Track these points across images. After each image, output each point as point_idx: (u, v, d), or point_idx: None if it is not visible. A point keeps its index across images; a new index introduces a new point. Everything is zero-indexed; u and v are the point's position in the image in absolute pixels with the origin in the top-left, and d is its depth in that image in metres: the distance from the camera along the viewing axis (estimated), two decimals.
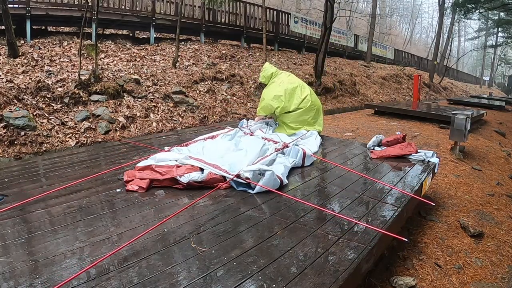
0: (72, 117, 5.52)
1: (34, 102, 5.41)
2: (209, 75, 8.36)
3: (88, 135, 5.35)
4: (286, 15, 13.80)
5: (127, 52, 8.50)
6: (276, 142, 3.44)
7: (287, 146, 3.26)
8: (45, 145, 4.93)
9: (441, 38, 22.07)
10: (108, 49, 8.42)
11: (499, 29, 24.98)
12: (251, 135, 3.75)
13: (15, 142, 4.74)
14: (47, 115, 5.34)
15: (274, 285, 1.40)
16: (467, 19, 21.62)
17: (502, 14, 21.81)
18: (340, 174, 2.93)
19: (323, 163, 3.28)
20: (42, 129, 5.09)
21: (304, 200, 2.31)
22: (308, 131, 4.14)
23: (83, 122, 5.52)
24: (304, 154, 3.14)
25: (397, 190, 2.59)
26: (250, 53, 11.35)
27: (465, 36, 48.75)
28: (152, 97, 6.76)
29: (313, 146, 3.74)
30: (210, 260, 1.57)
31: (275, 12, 13.20)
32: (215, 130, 4.02)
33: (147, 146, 3.60)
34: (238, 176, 2.46)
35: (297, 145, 3.44)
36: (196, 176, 2.44)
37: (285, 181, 2.61)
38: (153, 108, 6.52)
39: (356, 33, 20.76)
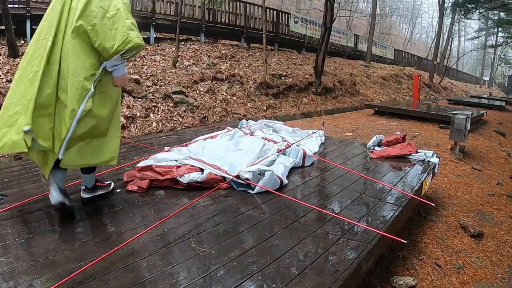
0: None
1: None
2: (209, 75, 8.35)
3: None
4: (286, 15, 13.79)
5: None
6: (276, 142, 3.44)
7: (289, 146, 3.26)
8: None
9: (441, 38, 22.06)
10: None
11: (499, 29, 24.99)
12: (251, 135, 3.75)
13: None
14: None
15: (274, 285, 1.40)
16: (467, 19, 21.65)
17: (502, 14, 21.81)
18: (340, 174, 2.93)
19: (323, 163, 3.28)
20: None
21: (304, 202, 2.31)
22: (313, 132, 4.15)
23: None
24: (304, 155, 3.14)
25: (397, 190, 2.59)
26: (250, 53, 11.35)
27: (465, 36, 48.76)
28: (152, 97, 6.76)
29: (314, 146, 3.74)
30: (210, 260, 1.57)
31: (275, 12, 13.20)
32: (215, 130, 4.02)
33: (147, 146, 3.60)
34: (237, 176, 2.46)
35: (298, 145, 3.45)
36: (196, 176, 2.44)
37: (285, 181, 2.61)
38: (153, 108, 6.52)
39: (356, 33, 20.76)
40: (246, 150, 2.99)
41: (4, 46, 6.85)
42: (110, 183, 2.32)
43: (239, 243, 1.74)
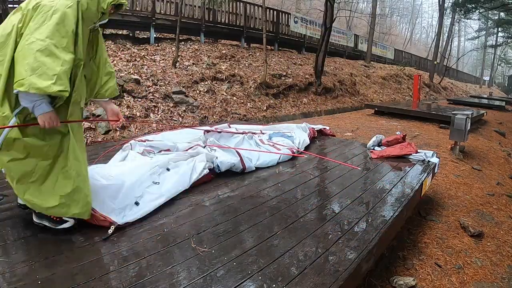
0: None
1: None
2: (209, 75, 8.35)
3: (88, 135, 5.35)
4: (286, 15, 13.79)
5: (127, 52, 8.50)
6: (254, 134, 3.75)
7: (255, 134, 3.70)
8: None
9: (441, 38, 22.07)
10: (108, 49, 8.41)
11: (499, 29, 25.00)
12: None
13: None
14: None
15: (274, 285, 1.40)
16: (467, 19, 21.66)
17: (502, 14, 21.82)
18: (340, 174, 2.94)
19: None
20: None
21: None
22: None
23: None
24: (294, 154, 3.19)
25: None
26: (250, 53, 11.35)
27: (465, 36, 48.80)
28: (152, 97, 6.76)
29: (304, 137, 3.92)
30: (210, 260, 1.57)
31: (275, 12, 13.20)
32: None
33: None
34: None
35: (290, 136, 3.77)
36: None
37: (249, 166, 2.87)
38: (153, 108, 6.52)
39: (356, 33, 20.76)
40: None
41: None
42: (67, 221, 1.76)
43: (239, 243, 1.74)
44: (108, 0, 1.73)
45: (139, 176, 2.20)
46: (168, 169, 2.45)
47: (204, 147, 2.96)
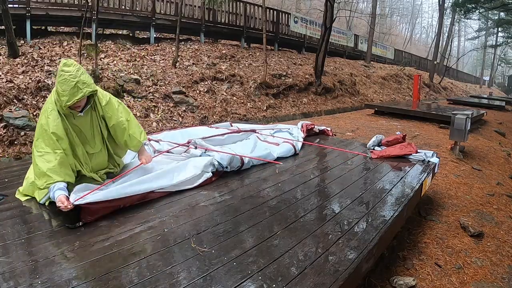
0: None
1: (34, 102, 5.41)
2: (209, 75, 8.36)
3: None
4: (286, 15, 13.79)
5: (127, 52, 8.50)
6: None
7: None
8: None
9: (441, 38, 22.08)
10: (108, 49, 8.41)
11: (499, 29, 25.00)
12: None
13: (15, 142, 4.74)
14: None
15: (274, 285, 1.40)
16: (467, 19, 21.68)
17: (502, 14, 21.81)
18: (340, 174, 2.94)
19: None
20: None
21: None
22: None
23: None
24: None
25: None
26: (250, 53, 11.35)
27: (465, 36, 48.86)
28: (152, 97, 6.76)
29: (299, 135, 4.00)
30: (210, 260, 1.57)
31: (275, 12, 13.20)
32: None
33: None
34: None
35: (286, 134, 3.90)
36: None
37: (247, 161, 2.93)
38: (153, 108, 6.52)
39: (356, 33, 20.77)
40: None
41: (4, 46, 6.85)
42: None
43: (239, 243, 1.74)
44: (62, 103, 2.04)
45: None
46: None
47: (196, 148, 2.95)
